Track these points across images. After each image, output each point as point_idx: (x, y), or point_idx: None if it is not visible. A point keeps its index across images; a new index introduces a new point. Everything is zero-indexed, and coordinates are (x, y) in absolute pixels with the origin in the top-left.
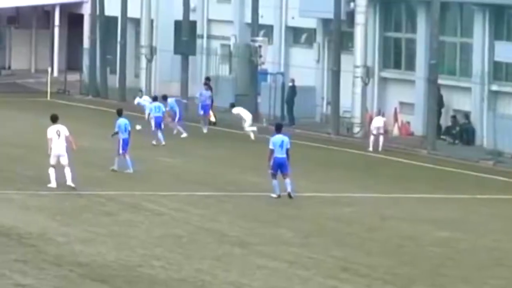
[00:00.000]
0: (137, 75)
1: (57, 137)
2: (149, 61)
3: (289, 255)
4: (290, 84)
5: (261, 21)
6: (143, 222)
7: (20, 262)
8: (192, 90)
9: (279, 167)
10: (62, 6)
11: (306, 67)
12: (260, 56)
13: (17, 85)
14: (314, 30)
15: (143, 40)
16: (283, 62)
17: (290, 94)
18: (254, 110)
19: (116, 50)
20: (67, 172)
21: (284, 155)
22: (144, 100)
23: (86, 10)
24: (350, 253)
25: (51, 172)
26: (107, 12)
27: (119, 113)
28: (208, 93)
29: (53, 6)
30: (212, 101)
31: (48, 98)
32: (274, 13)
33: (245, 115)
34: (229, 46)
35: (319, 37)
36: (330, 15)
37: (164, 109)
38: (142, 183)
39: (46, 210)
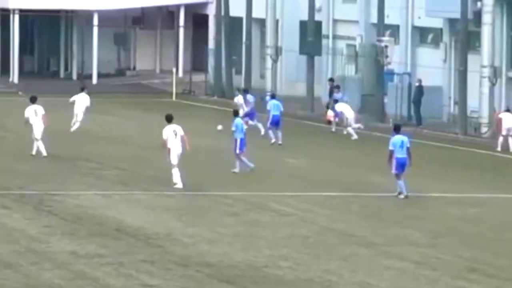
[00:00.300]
0: (262, 76)
1: (174, 137)
2: (275, 61)
3: (416, 255)
4: (417, 84)
5: (386, 21)
6: (269, 222)
7: (147, 263)
8: (317, 91)
9: (402, 167)
10: (187, 7)
11: (432, 67)
12: (387, 56)
13: (142, 86)
14: (441, 30)
15: (268, 41)
16: (410, 62)
17: (417, 94)
18: (380, 110)
19: (241, 50)
20: (175, 172)
21: (405, 155)
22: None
23: (211, 10)
24: (477, 254)
25: (175, 172)
26: (232, 13)
27: (236, 114)
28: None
29: (177, 7)
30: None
31: (173, 98)
32: (400, 13)
33: (348, 113)
34: (355, 46)
35: (445, 37)
36: (457, 15)
37: (282, 108)
38: (267, 184)
39: (172, 211)
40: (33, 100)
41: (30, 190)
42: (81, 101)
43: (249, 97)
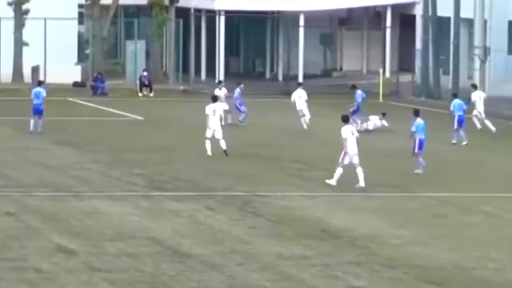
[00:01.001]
0: (470, 76)
1: (352, 136)
2: (483, 61)
3: None
4: None
5: None
6: (477, 224)
7: (353, 264)
8: None
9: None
10: (394, 7)
11: None
12: None
13: (348, 87)
14: None
15: (477, 41)
16: None
17: None
18: None
19: (448, 51)
20: (359, 172)
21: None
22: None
23: (418, 10)
24: None
25: (339, 172)
26: (439, 13)
27: (416, 114)
28: None
29: (384, 7)
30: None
31: (380, 99)
32: None
33: (479, 106)
34: None
35: None
36: None
37: (464, 107)
38: (474, 185)
39: (379, 212)
40: (214, 99)
41: (235, 191)
42: (300, 96)
43: (358, 94)
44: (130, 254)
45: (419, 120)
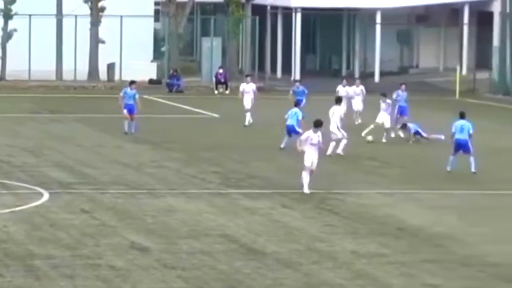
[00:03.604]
0: None
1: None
2: None
3: None
4: None
5: None
6: None
7: (429, 262)
8: None
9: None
10: (472, 4)
11: None
12: None
13: (425, 84)
14: None
15: None
16: None
17: None
18: None
19: None
20: (306, 177)
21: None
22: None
23: (496, 8)
24: None
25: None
26: None
27: (462, 116)
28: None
29: (462, 4)
30: None
31: (457, 97)
32: None
33: None
34: None
35: None
36: None
37: None
38: None
39: (455, 210)
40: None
41: (311, 189)
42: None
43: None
44: (205, 252)
45: (460, 121)
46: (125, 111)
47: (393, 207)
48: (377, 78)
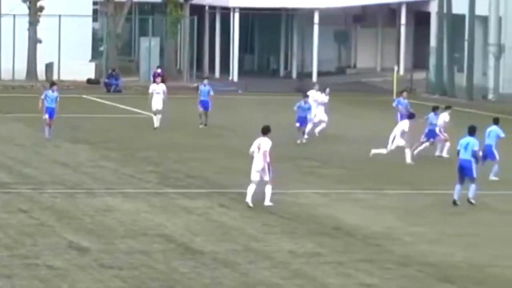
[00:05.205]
0: (484, 73)
1: (257, 151)
2: (497, 59)
3: None
4: None
5: None
6: (492, 222)
7: (366, 262)
8: None
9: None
10: (409, 4)
11: None
12: None
13: (363, 84)
14: None
15: (491, 38)
16: None
17: None
18: None
19: (463, 48)
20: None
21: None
22: None
23: (433, 8)
24: None
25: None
26: (454, 10)
27: (495, 122)
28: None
29: (399, 4)
30: None
31: (394, 96)
32: None
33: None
34: None
35: None
36: None
37: None
38: (498, 184)
39: (392, 210)
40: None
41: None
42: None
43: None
44: (142, 252)
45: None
46: (46, 115)
47: (329, 207)
48: (315, 78)
